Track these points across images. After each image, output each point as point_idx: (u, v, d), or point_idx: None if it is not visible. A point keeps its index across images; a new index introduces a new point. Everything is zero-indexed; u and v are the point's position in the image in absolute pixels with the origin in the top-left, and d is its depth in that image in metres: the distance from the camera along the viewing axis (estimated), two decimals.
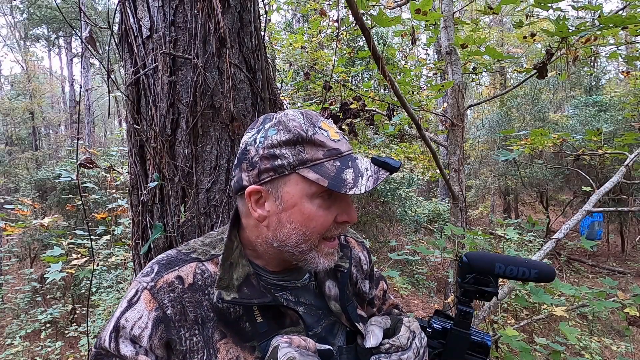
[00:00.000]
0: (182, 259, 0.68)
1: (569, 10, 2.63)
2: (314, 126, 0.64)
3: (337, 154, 0.63)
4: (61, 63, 22.44)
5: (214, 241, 0.74)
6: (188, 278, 0.66)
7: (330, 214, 0.64)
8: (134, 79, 1.12)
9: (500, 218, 9.43)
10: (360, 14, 1.51)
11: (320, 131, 0.64)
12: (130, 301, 0.64)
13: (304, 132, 0.62)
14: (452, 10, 3.78)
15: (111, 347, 0.62)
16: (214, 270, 0.68)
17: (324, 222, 0.64)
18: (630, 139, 3.07)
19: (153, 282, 0.64)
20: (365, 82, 8.52)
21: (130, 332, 0.61)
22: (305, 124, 0.63)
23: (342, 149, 0.64)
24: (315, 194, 0.62)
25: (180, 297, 0.64)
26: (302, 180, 0.62)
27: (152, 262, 0.69)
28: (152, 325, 0.61)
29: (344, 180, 0.60)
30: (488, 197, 12.18)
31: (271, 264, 0.72)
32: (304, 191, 0.62)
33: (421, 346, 0.70)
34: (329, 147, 0.63)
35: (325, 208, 0.63)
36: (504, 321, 4.11)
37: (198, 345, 0.63)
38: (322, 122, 0.66)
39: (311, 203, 0.63)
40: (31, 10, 14.84)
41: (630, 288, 2.16)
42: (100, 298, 4.74)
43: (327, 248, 0.67)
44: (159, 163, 1.10)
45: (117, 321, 0.63)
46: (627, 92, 8.62)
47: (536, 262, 0.73)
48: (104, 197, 5.80)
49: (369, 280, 0.89)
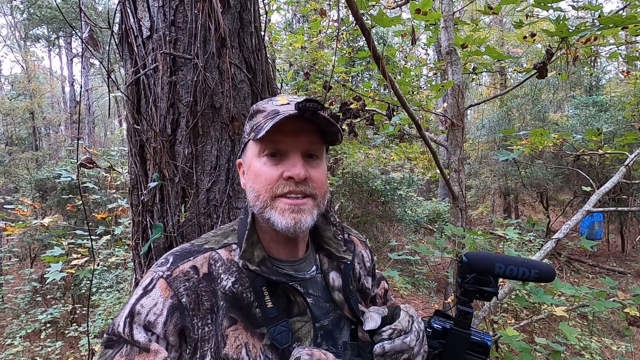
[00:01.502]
0: (196, 250, 0.71)
1: (569, 10, 2.62)
2: (269, 101, 0.74)
3: (274, 113, 0.70)
4: (61, 63, 22.45)
5: (226, 232, 0.77)
6: (203, 268, 0.68)
7: (275, 170, 0.69)
8: (134, 79, 1.12)
9: (500, 218, 9.43)
10: (360, 14, 1.51)
11: (270, 102, 0.73)
12: (145, 289, 0.65)
13: (257, 105, 0.75)
14: (452, 10, 3.77)
15: (125, 333, 0.62)
16: (227, 258, 0.71)
17: (268, 177, 0.68)
18: (630, 139, 3.07)
19: (169, 272, 0.66)
20: (365, 82, 8.52)
21: (145, 319, 0.62)
22: (264, 100, 0.75)
23: (280, 109, 0.70)
24: (260, 152, 0.70)
25: (196, 287, 0.66)
26: (253, 143, 0.71)
27: (167, 254, 0.71)
28: (167, 312, 0.63)
29: (262, 128, 0.67)
30: (488, 197, 12.18)
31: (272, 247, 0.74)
32: (253, 152, 0.71)
33: (420, 330, 0.71)
34: (268, 110, 0.71)
35: (270, 165, 0.69)
36: (504, 321, 4.11)
37: (209, 335, 0.64)
38: (281, 96, 0.75)
39: (259, 161, 0.70)
40: (31, 10, 14.84)
41: (630, 288, 2.17)
42: (101, 298, 4.74)
43: (283, 204, 0.68)
44: (159, 163, 1.10)
45: (133, 307, 0.64)
46: (627, 92, 8.61)
47: (536, 262, 0.73)
48: (104, 197, 5.80)
49: (372, 278, 0.90)
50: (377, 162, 6.89)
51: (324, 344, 0.71)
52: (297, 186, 0.68)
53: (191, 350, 0.63)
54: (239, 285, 0.68)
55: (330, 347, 0.71)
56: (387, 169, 7.93)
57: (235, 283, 0.68)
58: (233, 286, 0.67)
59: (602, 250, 9.44)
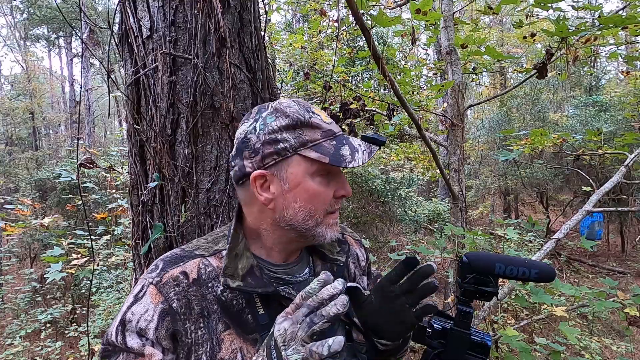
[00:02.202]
0: (186, 256, 0.70)
1: (569, 10, 2.62)
2: (308, 111, 0.69)
3: (332, 134, 0.69)
4: (61, 63, 22.45)
5: (216, 238, 0.76)
6: (192, 273, 0.68)
7: (329, 190, 0.69)
8: (134, 79, 1.12)
9: (500, 218, 9.43)
10: (360, 14, 1.51)
11: (315, 115, 0.69)
12: (136, 296, 0.65)
13: (302, 116, 0.68)
14: (452, 10, 3.77)
15: (118, 341, 0.63)
16: (217, 265, 0.70)
17: (325, 197, 0.69)
18: (630, 139, 3.07)
19: (158, 278, 0.66)
20: (365, 82, 8.52)
21: (136, 325, 0.62)
22: (300, 109, 0.69)
23: (335, 130, 0.70)
24: (316, 172, 0.67)
25: (186, 291, 0.65)
26: (304, 160, 0.67)
27: (157, 260, 0.71)
28: (158, 318, 0.63)
29: (343, 156, 0.66)
30: (488, 197, 12.17)
31: (275, 251, 0.74)
32: (306, 170, 0.67)
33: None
34: (324, 129, 0.69)
35: (325, 185, 0.69)
36: (504, 321, 4.11)
37: (203, 339, 0.64)
38: (315, 108, 0.72)
39: (313, 181, 0.67)
40: (31, 10, 14.84)
41: (630, 288, 2.16)
42: (101, 298, 4.74)
43: (331, 220, 0.71)
44: (159, 163, 1.10)
45: (124, 315, 0.64)
46: (627, 92, 8.61)
47: (536, 262, 0.73)
48: (104, 197, 5.80)
49: (367, 277, 0.91)
50: (377, 162, 6.89)
51: None
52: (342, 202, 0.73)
53: (185, 354, 0.63)
54: (228, 293, 0.68)
55: None
56: (387, 169, 7.93)
57: (224, 291, 0.68)
58: (222, 294, 0.67)
59: (602, 250, 9.43)
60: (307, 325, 0.56)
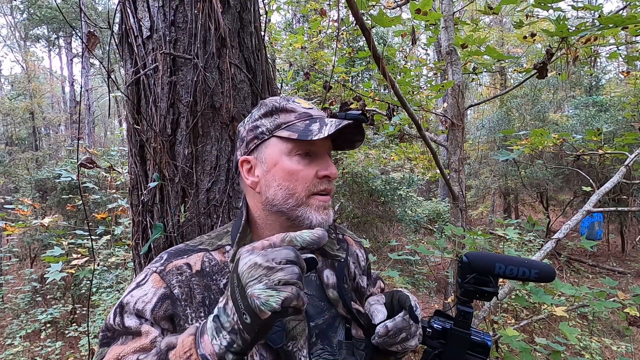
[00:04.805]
0: (190, 250, 0.72)
1: (569, 10, 2.62)
2: (288, 100, 0.73)
3: (307, 116, 0.72)
4: (61, 63, 22.45)
5: (220, 234, 0.77)
6: (196, 265, 0.69)
7: (310, 169, 0.70)
8: (134, 79, 1.12)
9: (500, 218, 9.43)
10: (360, 14, 1.51)
11: (293, 102, 0.73)
12: (138, 283, 0.67)
13: (278, 103, 0.73)
14: (452, 10, 3.77)
15: (116, 323, 0.64)
16: (220, 259, 0.71)
17: (305, 176, 0.69)
18: (630, 139, 3.07)
19: (162, 267, 0.68)
20: (365, 82, 8.52)
21: (134, 307, 0.63)
22: (279, 99, 0.74)
23: (312, 113, 0.72)
24: (292, 151, 0.70)
25: (188, 280, 0.67)
26: (280, 140, 0.70)
27: (162, 253, 0.73)
28: (156, 300, 0.64)
29: (311, 131, 0.68)
30: (488, 197, 12.17)
31: None
32: (282, 150, 0.70)
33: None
34: (299, 112, 0.72)
35: (305, 164, 0.70)
36: (504, 321, 4.11)
37: None
38: (298, 99, 0.75)
39: (290, 160, 0.70)
40: (31, 10, 14.84)
41: (630, 288, 2.16)
42: (101, 298, 4.74)
43: (318, 202, 0.71)
44: (159, 163, 1.10)
45: (123, 299, 0.65)
46: (627, 92, 8.61)
47: (536, 262, 0.73)
48: (104, 197, 5.79)
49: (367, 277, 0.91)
50: (377, 162, 6.89)
51: (319, 343, 0.71)
52: (329, 184, 0.72)
53: None
54: None
55: (325, 346, 0.72)
56: (387, 169, 7.92)
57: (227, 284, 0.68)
58: (224, 287, 0.68)
59: (602, 250, 9.43)
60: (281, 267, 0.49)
